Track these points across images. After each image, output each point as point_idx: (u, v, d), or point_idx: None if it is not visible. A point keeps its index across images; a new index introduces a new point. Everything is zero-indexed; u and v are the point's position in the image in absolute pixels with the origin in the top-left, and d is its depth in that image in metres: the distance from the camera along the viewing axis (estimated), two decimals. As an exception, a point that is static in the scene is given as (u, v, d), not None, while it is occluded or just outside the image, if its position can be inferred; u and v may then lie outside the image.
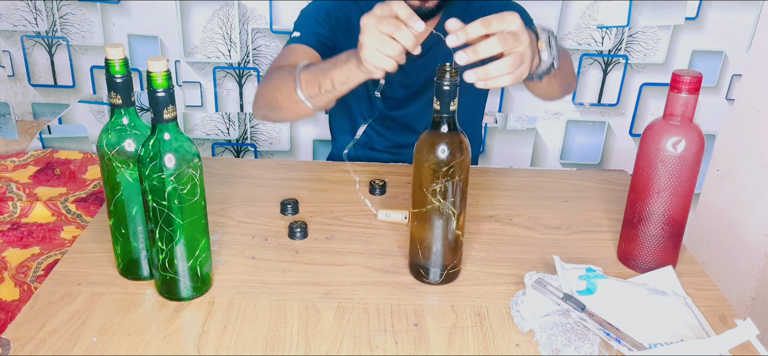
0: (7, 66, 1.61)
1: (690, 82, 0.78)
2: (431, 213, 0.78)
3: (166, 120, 0.70)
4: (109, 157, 0.76)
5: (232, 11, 1.55)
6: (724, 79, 1.64)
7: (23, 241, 1.27)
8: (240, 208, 1.01)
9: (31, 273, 1.18)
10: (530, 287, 0.78)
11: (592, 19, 1.57)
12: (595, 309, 0.76)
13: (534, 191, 1.12)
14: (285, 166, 1.18)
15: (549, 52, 0.84)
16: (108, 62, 0.72)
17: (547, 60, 0.84)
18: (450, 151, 0.75)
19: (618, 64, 1.62)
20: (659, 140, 0.81)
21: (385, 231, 0.96)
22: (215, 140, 1.71)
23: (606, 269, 0.87)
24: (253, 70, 1.62)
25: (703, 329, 0.76)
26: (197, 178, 0.73)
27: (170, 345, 0.71)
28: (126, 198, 0.78)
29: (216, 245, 0.91)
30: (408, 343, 0.73)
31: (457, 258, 0.83)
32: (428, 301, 0.80)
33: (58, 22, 1.56)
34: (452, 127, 0.76)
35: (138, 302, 0.78)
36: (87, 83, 1.63)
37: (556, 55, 0.85)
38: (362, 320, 0.76)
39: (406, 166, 1.19)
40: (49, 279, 0.82)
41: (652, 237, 0.85)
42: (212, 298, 0.79)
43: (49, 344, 0.71)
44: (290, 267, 0.87)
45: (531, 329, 0.75)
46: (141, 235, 0.80)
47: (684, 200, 0.83)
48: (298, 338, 0.73)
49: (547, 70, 0.86)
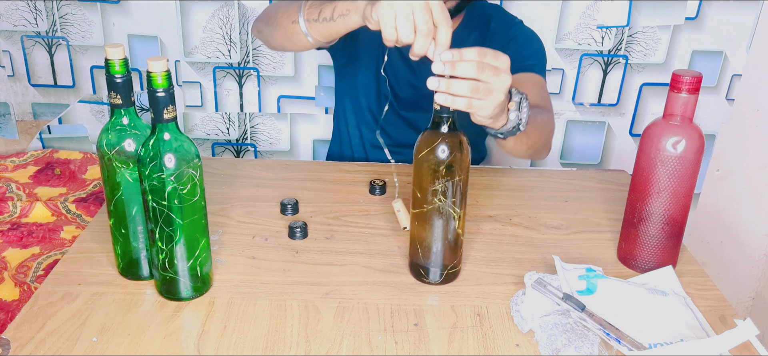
0: (7, 66, 1.61)
1: (690, 82, 0.78)
2: (431, 213, 0.78)
3: (166, 120, 0.70)
4: (109, 157, 0.76)
5: (232, 11, 1.55)
6: (724, 79, 1.64)
7: (23, 241, 1.27)
8: (240, 208, 1.01)
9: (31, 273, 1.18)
10: (530, 287, 0.78)
11: (592, 19, 1.57)
12: (595, 309, 0.76)
13: (534, 191, 1.12)
14: (285, 166, 1.18)
15: (517, 114, 0.86)
16: (108, 62, 0.72)
17: (513, 120, 0.86)
18: (450, 150, 0.75)
19: (618, 64, 1.62)
20: (659, 140, 0.81)
21: (385, 231, 0.96)
22: (215, 140, 1.71)
23: (606, 269, 0.87)
24: (253, 70, 1.62)
25: (703, 329, 0.76)
26: (197, 178, 0.73)
27: (170, 345, 0.71)
28: (126, 198, 0.78)
29: (216, 245, 0.91)
30: (408, 343, 0.73)
31: (457, 258, 0.83)
32: (428, 301, 0.80)
33: (58, 22, 1.56)
34: (452, 127, 0.76)
35: (138, 302, 0.78)
36: (87, 83, 1.63)
37: (523, 120, 0.86)
38: (362, 320, 0.76)
39: (407, 165, 1.19)
40: (49, 279, 0.82)
41: (652, 237, 0.85)
42: (212, 298, 0.79)
43: (49, 344, 0.71)
44: (290, 267, 0.87)
45: (531, 329, 0.75)
46: (141, 235, 0.80)
47: (684, 200, 0.83)
48: (298, 338, 0.73)
49: (512, 130, 0.87)
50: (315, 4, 0.94)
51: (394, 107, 1.27)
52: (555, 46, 1.59)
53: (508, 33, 1.20)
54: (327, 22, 0.92)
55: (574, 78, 1.63)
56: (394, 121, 1.28)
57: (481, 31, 1.21)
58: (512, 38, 1.19)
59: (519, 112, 0.85)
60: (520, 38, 1.19)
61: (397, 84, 1.24)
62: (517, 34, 1.20)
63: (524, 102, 0.86)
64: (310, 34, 0.96)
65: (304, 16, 0.95)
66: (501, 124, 0.86)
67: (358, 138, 1.33)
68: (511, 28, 1.21)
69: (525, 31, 1.22)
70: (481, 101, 0.77)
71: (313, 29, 0.95)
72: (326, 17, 0.92)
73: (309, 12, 0.94)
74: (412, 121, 1.27)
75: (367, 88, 1.27)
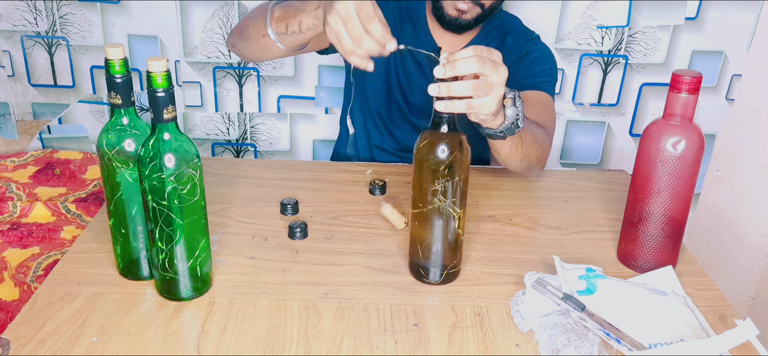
0: (7, 66, 1.61)
1: (690, 82, 0.78)
2: (431, 213, 0.78)
3: (166, 120, 0.70)
4: (109, 157, 0.76)
5: (232, 11, 1.55)
6: (724, 79, 1.64)
7: (23, 241, 1.27)
8: (240, 208, 1.01)
9: (31, 273, 1.18)
10: (530, 287, 0.78)
11: (592, 19, 1.57)
12: (595, 309, 0.76)
13: (534, 191, 1.12)
14: (285, 166, 1.18)
15: (514, 109, 0.85)
16: (108, 62, 0.72)
17: (511, 116, 0.85)
18: (450, 150, 0.76)
19: (618, 64, 1.62)
20: (659, 140, 0.81)
21: (385, 231, 0.96)
22: (215, 140, 1.71)
23: (606, 269, 0.87)
24: (253, 70, 1.62)
25: (703, 329, 0.76)
26: (197, 178, 0.73)
27: (170, 345, 0.71)
28: (126, 198, 0.78)
29: (216, 245, 0.91)
30: (408, 343, 0.73)
31: (457, 258, 0.83)
32: (428, 301, 0.80)
33: (58, 22, 1.56)
34: (452, 127, 0.76)
35: (138, 302, 0.78)
36: (87, 83, 1.63)
37: (521, 114, 0.86)
38: (362, 320, 0.76)
39: (407, 166, 1.20)
40: (49, 279, 0.82)
41: (652, 237, 0.85)
42: (212, 298, 0.79)
43: (49, 344, 0.71)
44: (290, 267, 0.86)
45: (531, 329, 0.75)
46: (141, 235, 0.80)
47: (684, 200, 0.83)
48: (298, 338, 0.73)
49: (510, 127, 0.87)
50: (280, 16, 0.92)
51: (405, 112, 1.27)
52: (555, 46, 1.59)
53: (523, 48, 1.20)
54: (296, 35, 0.91)
55: (574, 78, 1.63)
56: (403, 125, 1.28)
57: (497, 45, 1.21)
58: (526, 54, 1.20)
59: (515, 107, 0.85)
60: (534, 55, 1.20)
61: (410, 89, 1.24)
62: (531, 50, 1.20)
63: (518, 98, 0.86)
64: (281, 43, 0.95)
65: (273, 29, 0.93)
66: (499, 122, 0.86)
67: (364, 139, 1.33)
68: (527, 44, 1.21)
69: (540, 47, 1.22)
70: (483, 98, 0.78)
71: (284, 41, 0.94)
72: (295, 31, 0.91)
73: (277, 26, 0.93)
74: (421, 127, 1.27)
75: (376, 92, 1.27)
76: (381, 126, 1.30)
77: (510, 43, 1.21)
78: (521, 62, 1.19)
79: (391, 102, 1.27)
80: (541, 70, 1.18)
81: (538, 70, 1.17)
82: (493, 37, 1.21)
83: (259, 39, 0.98)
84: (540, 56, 1.20)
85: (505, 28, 1.22)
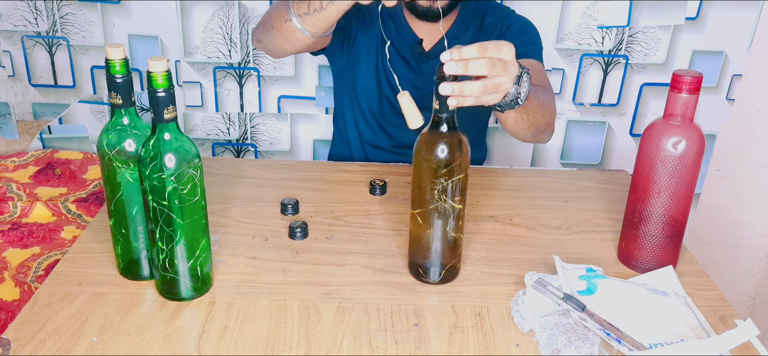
0: (8, 66, 1.61)
1: (690, 82, 0.78)
2: (431, 212, 0.78)
3: (166, 120, 0.70)
4: (109, 157, 0.76)
5: (232, 11, 1.55)
6: (725, 79, 1.64)
7: (23, 241, 1.27)
8: (240, 208, 1.01)
9: (31, 273, 1.18)
10: (530, 287, 0.78)
11: (592, 19, 1.57)
12: (595, 309, 0.76)
13: (534, 191, 1.12)
14: (285, 166, 1.18)
15: (517, 88, 0.85)
16: (108, 62, 0.72)
17: (512, 93, 0.85)
18: (449, 150, 0.76)
19: (618, 64, 1.62)
20: (659, 140, 0.81)
21: (385, 231, 0.96)
22: (215, 140, 1.71)
23: (606, 269, 0.87)
24: (253, 70, 1.62)
25: (704, 329, 0.76)
26: (197, 178, 0.73)
27: (170, 345, 0.71)
28: (126, 198, 0.78)
29: (216, 245, 0.91)
30: (408, 343, 0.73)
31: (456, 257, 0.83)
32: (428, 301, 0.80)
33: (58, 22, 1.56)
34: (451, 127, 0.76)
35: (138, 302, 0.78)
36: (87, 83, 1.63)
37: (523, 94, 0.85)
38: (362, 320, 0.76)
39: (406, 166, 1.20)
40: (49, 279, 0.82)
41: (652, 237, 0.85)
42: (212, 298, 0.79)
43: (49, 344, 0.71)
44: (290, 267, 0.87)
45: (531, 329, 0.75)
46: (141, 235, 0.80)
47: (684, 200, 0.83)
48: (298, 338, 0.73)
49: (510, 103, 0.86)
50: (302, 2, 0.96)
51: (396, 108, 1.27)
52: (555, 46, 1.59)
53: (503, 24, 1.22)
54: (318, 13, 0.95)
55: (574, 78, 1.63)
56: (396, 121, 1.28)
57: (476, 26, 1.23)
58: (507, 28, 1.21)
59: (518, 86, 0.84)
60: (516, 27, 1.22)
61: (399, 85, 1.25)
62: (512, 23, 1.22)
63: (525, 76, 0.85)
64: (304, 28, 0.98)
65: (295, 12, 0.97)
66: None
67: (357, 140, 1.33)
68: (506, 19, 1.23)
69: (520, 20, 1.24)
70: (491, 95, 0.81)
71: (306, 23, 0.98)
72: (316, 8, 0.94)
73: (298, 6, 0.97)
74: None
75: (367, 90, 1.27)
76: (374, 124, 1.30)
77: (489, 21, 1.23)
78: (504, 36, 1.20)
79: (383, 98, 1.27)
80: (527, 38, 1.20)
81: (523, 39, 1.19)
82: (472, 21, 1.23)
83: (281, 26, 1.01)
84: (522, 26, 1.22)
85: (482, 9, 1.24)
